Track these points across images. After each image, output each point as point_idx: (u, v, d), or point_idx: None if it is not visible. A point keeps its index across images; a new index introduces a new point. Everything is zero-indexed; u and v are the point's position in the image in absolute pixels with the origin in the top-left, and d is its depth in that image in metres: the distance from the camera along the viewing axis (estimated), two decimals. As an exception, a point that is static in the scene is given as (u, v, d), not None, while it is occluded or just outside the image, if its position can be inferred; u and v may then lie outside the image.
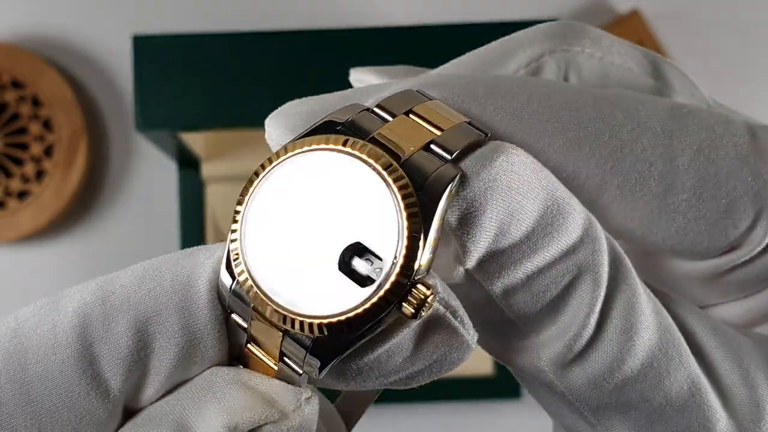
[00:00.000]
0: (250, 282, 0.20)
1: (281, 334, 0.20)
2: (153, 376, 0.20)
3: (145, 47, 0.69)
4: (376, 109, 0.21)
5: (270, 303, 0.20)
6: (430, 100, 0.22)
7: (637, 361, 0.21)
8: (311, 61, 0.69)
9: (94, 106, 0.88)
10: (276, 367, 0.21)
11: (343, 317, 0.19)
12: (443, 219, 0.20)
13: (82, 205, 0.88)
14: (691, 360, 0.22)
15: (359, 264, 0.19)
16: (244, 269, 0.20)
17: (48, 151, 0.85)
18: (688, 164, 0.22)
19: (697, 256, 0.23)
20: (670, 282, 0.25)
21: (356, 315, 0.19)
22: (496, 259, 0.20)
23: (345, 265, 0.19)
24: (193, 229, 0.85)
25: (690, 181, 0.22)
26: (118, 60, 0.88)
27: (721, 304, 0.25)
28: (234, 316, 0.21)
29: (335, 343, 0.20)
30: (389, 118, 0.21)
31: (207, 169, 0.84)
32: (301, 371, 0.20)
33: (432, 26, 0.70)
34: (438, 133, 0.21)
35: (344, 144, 0.20)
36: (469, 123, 0.21)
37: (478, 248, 0.20)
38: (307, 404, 0.21)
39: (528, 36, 0.25)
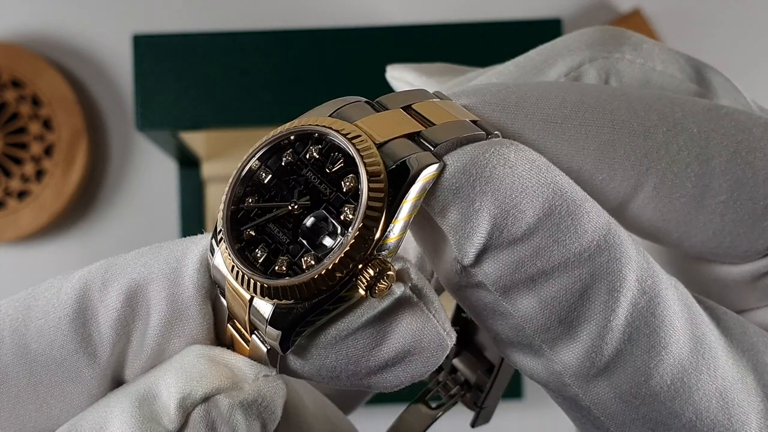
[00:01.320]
0: (227, 249, 0.21)
1: (248, 301, 0.21)
2: (137, 345, 0.21)
3: (145, 47, 0.69)
4: (375, 104, 0.21)
5: (238, 267, 0.20)
6: (441, 99, 0.21)
7: (666, 375, 0.20)
8: (311, 60, 0.69)
9: (94, 106, 0.88)
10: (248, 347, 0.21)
11: (296, 281, 0.20)
12: (416, 202, 0.20)
13: (82, 204, 0.88)
14: (719, 373, 0.21)
15: (322, 234, 0.20)
16: (224, 235, 0.21)
17: (48, 151, 0.85)
18: (725, 166, 0.22)
19: (735, 259, 0.23)
20: (706, 286, 0.25)
21: (310, 279, 0.19)
22: (494, 258, 0.20)
23: (309, 235, 0.20)
24: (193, 229, 0.85)
25: (727, 183, 0.22)
26: (118, 60, 0.88)
27: (758, 308, 0.24)
28: (219, 291, 0.21)
29: (293, 313, 0.20)
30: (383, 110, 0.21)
31: (207, 169, 0.84)
32: (266, 347, 0.21)
33: (433, 25, 0.70)
34: (429, 126, 0.21)
35: (326, 124, 0.21)
36: (475, 122, 0.21)
37: (471, 242, 0.20)
38: (265, 380, 0.21)
39: (567, 44, 0.25)
